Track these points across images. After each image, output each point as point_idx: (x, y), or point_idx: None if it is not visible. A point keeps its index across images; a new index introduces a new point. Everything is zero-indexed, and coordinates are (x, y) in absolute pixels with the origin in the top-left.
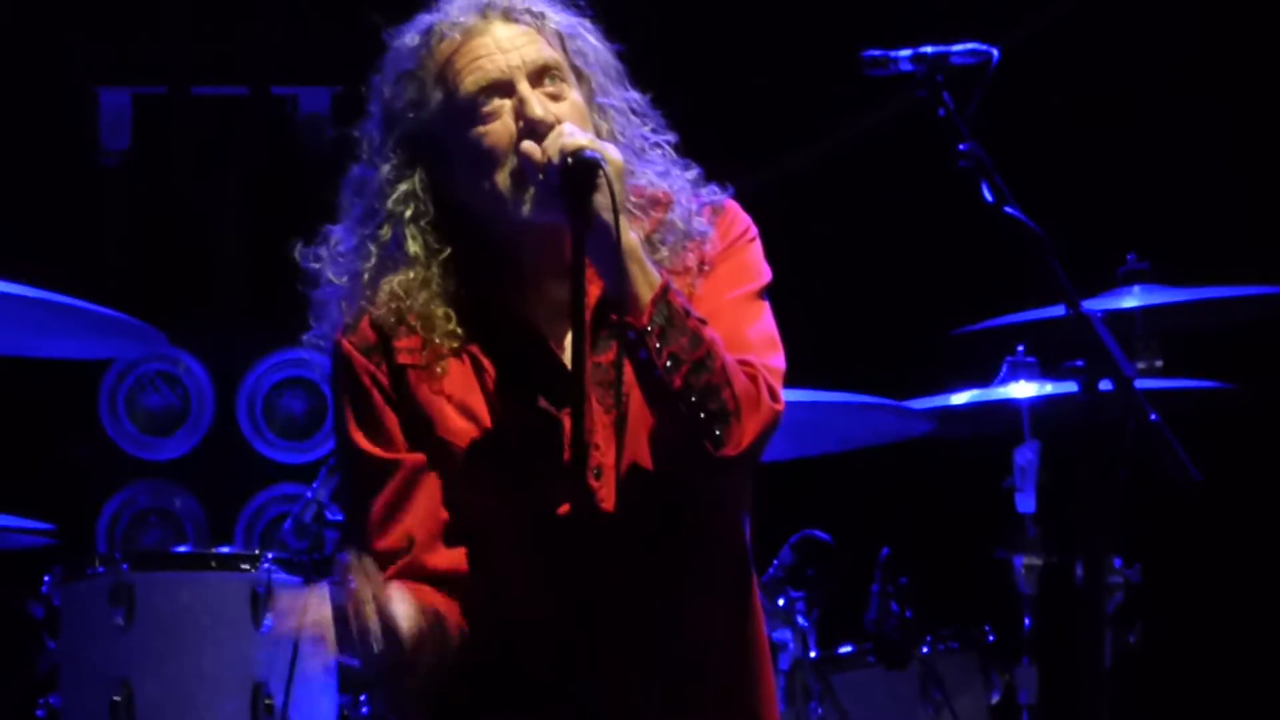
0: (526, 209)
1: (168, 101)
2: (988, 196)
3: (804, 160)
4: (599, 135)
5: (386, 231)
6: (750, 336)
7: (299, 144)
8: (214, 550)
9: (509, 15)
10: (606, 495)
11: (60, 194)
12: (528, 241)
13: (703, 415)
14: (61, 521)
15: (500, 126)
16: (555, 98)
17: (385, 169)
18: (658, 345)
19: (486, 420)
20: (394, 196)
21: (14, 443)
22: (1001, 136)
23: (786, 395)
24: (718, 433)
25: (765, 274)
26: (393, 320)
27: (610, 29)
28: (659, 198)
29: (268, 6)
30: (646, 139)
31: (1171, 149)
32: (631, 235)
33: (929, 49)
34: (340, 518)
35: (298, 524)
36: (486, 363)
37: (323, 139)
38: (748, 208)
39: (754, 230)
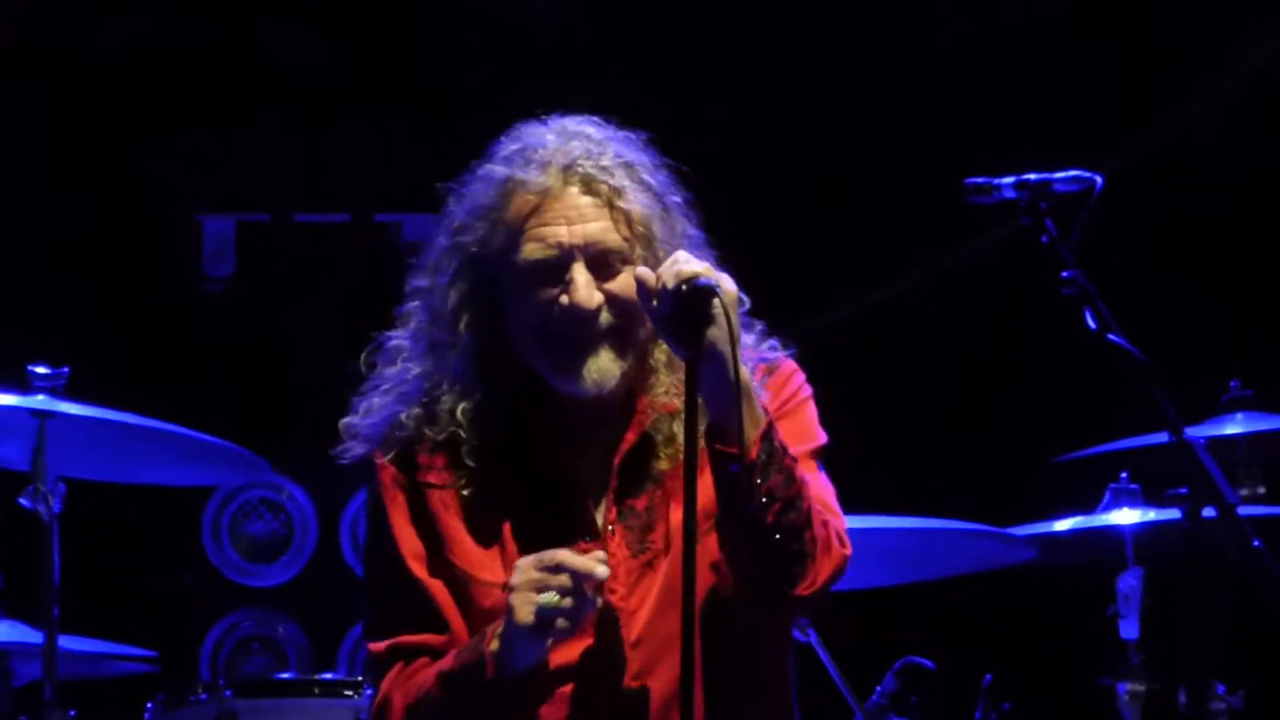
0: (558, 378)
1: (271, 228)
2: (1091, 324)
3: (909, 287)
4: None
5: (454, 356)
6: (813, 490)
7: (402, 271)
8: (317, 677)
9: (588, 183)
10: (626, 635)
11: (164, 321)
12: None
13: (784, 553)
14: (165, 649)
15: (548, 295)
16: (610, 277)
17: (452, 295)
18: (759, 481)
19: (502, 551)
20: (461, 324)
21: (118, 570)
22: (1104, 262)
23: (891, 522)
24: (793, 572)
25: (822, 436)
26: (426, 437)
27: (708, 164)
28: None
29: (370, 134)
30: None
31: (1274, 275)
32: (744, 369)
33: (1032, 176)
34: None
35: None
36: (513, 496)
37: None
38: (851, 336)
39: (809, 390)
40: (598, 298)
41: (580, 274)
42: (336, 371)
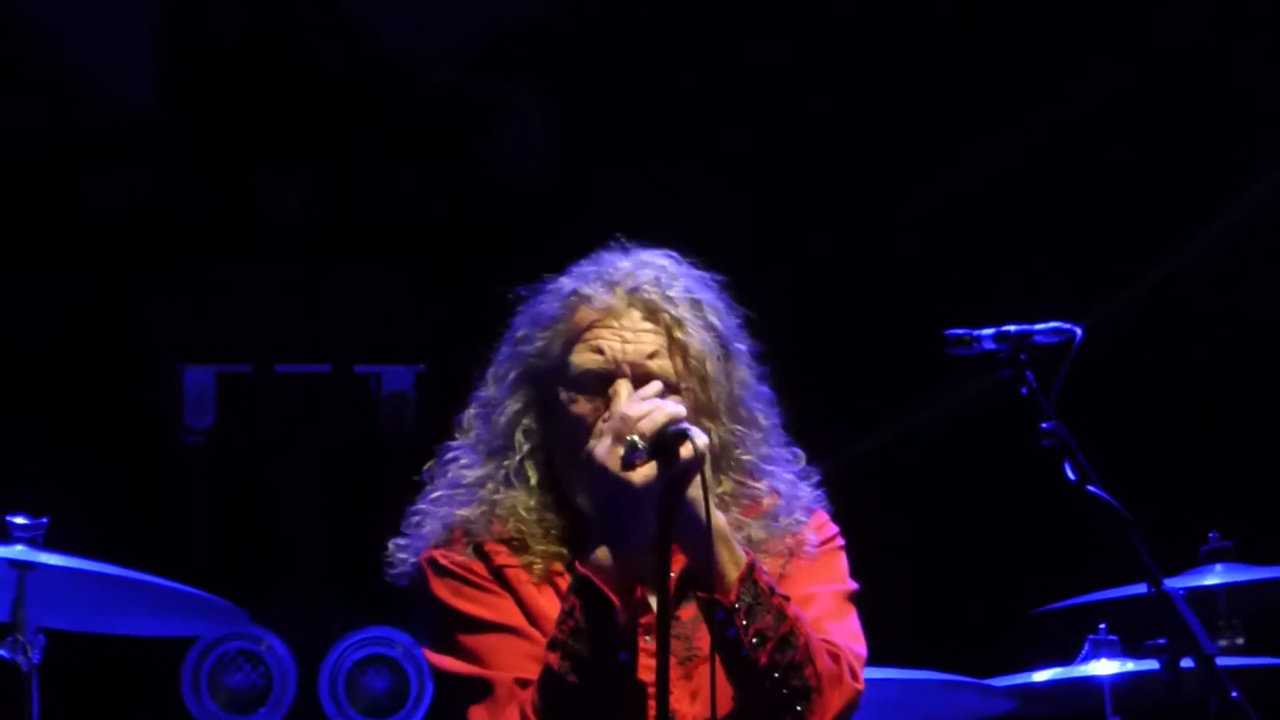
0: (582, 501)
1: (251, 379)
2: (1070, 475)
3: (887, 438)
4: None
5: (512, 460)
6: (835, 626)
7: (382, 422)
8: None
9: (651, 310)
10: None
11: (144, 472)
12: None
13: (786, 691)
14: None
15: (592, 405)
16: None
17: (510, 403)
18: (745, 623)
19: None
20: (520, 429)
21: None
22: (1084, 414)
23: (871, 673)
24: (799, 709)
25: (853, 583)
26: (487, 533)
27: None
28: (766, 503)
29: (351, 286)
30: (768, 458)
31: (1253, 427)
32: (719, 516)
33: (1012, 327)
34: None
35: None
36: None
37: (406, 417)
38: (832, 486)
39: (842, 540)
40: None
41: (625, 389)
42: (316, 522)
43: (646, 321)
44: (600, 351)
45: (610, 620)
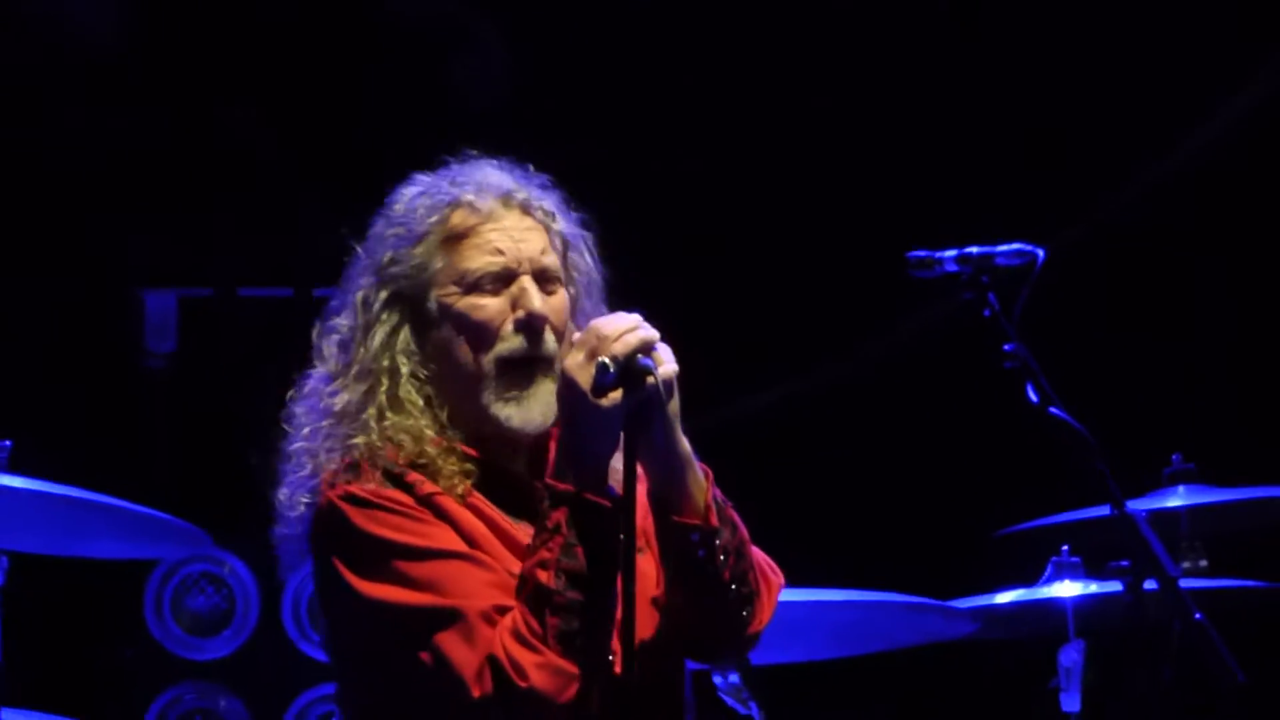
0: (496, 408)
1: (214, 303)
2: (1033, 397)
3: (851, 361)
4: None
5: (386, 384)
6: None
7: None
8: None
9: (525, 208)
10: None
11: (106, 396)
12: None
13: (737, 599)
14: None
15: (496, 305)
16: (549, 294)
17: (381, 326)
18: (717, 542)
19: (502, 561)
20: (398, 351)
21: (60, 644)
22: (1047, 336)
23: (833, 595)
24: (745, 613)
25: None
26: (390, 462)
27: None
28: None
29: (313, 209)
30: None
31: (1217, 349)
32: (683, 439)
33: (974, 249)
34: None
35: None
36: (492, 512)
37: None
38: (794, 410)
39: None
40: (548, 307)
41: (531, 285)
42: (278, 445)
43: (526, 219)
44: (500, 252)
45: (606, 529)
